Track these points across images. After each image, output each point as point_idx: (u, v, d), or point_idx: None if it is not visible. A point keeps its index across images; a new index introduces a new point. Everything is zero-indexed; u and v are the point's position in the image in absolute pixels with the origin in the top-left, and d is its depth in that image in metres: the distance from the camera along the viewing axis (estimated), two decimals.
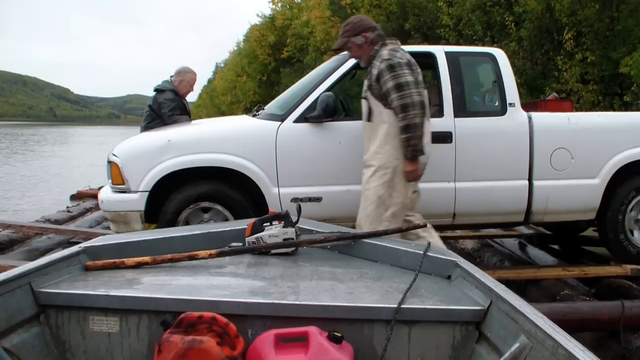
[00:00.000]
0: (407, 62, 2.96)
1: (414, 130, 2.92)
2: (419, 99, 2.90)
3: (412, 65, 2.98)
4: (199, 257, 1.95)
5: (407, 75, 2.91)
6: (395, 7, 20.24)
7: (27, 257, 4.40)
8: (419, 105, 2.90)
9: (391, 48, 3.04)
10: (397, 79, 2.91)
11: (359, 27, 3.16)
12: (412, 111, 2.90)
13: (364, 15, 2.91)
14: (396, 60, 2.94)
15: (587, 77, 11.93)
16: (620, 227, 3.88)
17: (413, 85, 2.90)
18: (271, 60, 36.23)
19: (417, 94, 2.90)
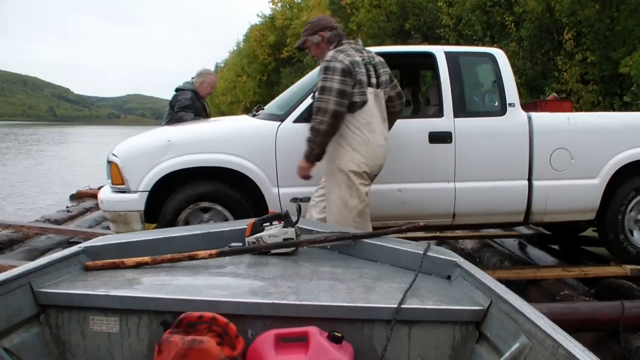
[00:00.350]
0: (343, 68, 2.90)
1: (315, 134, 2.93)
2: (333, 108, 2.86)
3: (354, 68, 2.93)
4: (199, 257, 1.95)
5: (334, 82, 2.88)
6: (395, 7, 20.25)
7: (27, 257, 4.40)
8: (330, 114, 2.86)
9: (339, 49, 3.01)
10: (324, 82, 2.90)
11: (316, 26, 3.17)
12: (321, 117, 2.89)
13: (326, 15, 2.94)
14: (332, 64, 2.92)
15: (587, 77, 11.94)
16: (620, 227, 3.89)
17: (335, 93, 2.86)
18: (271, 60, 36.26)
19: (334, 103, 2.86)
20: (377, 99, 3.03)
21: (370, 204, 3.62)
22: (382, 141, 3.04)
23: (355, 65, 2.94)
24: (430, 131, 3.68)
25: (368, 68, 3.02)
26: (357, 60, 2.96)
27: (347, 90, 2.88)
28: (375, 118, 2.99)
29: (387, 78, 3.15)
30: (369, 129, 2.96)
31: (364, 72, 2.97)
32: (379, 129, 3.02)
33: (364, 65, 2.99)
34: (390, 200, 3.64)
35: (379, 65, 3.11)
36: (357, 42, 3.16)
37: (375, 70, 3.06)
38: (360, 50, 3.08)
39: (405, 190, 3.65)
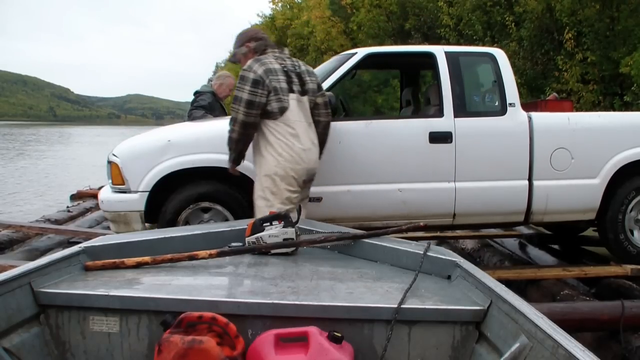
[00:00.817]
0: (255, 79, 2.95)
1: (229, 142, 3.06)
2: (242, 119, 2.94)
3: (260, 84, 2.96)
4: (199, 257, 1.95)
5: (244, 92, 2.94)
6: (396, 7, 20.26)
7: (27, 257, 4.40)
8: (239, 124, 2.96)
9: (258, 58, 3.06)
10: (237, 92, 2.98)
11: (243, 37, 3.25)
12: (232, 126, 3.00)
13: (254, 28, 3.08)
14: (245, 73, 2.98)
15: (588, 77, 11.94)
16: (620, 227, 3.88)
17: (244, 104, 2.93)
18: None
19: (242, 113, 2.94)
20: (300, 104, 3.08)
21: (371, 204, 3.64)
22: (308, 145, 3.08)
23: (270, 73, 2.98)
24: (431, 131, 3.67)
25: (290, 75, 3.07)
26: (274, 68, 3.01)
27: (255, 100, 2.93)
28: (298, 123, 3.05)
29: (315, 87, 3.20)
30: (292, 134, 3.01)
31: (284, 79, 3.02)
32: (304, 134, 3.06)
33: (283, 73, 3.04)
34: (390, 200, 3.64)
35: (305, 73, 3.18)
36: (281, 52, 3.22)
37: (299, 78, 3.12)
38: (283, 58, 3.14)
39: (405, 190, 3.64)
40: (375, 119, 4.15)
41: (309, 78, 3.18)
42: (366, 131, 3.68)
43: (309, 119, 3.14)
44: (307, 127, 3.11)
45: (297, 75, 3.13)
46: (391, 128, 3.76)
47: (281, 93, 2.99)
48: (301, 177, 3.07)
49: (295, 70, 3.13)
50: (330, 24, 24.55)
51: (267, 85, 2.95)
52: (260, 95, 2.94)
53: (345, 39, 23.88)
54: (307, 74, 3.19)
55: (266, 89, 2.95)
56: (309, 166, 3.10)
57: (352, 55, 3.86)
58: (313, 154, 3.12)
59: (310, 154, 3.10)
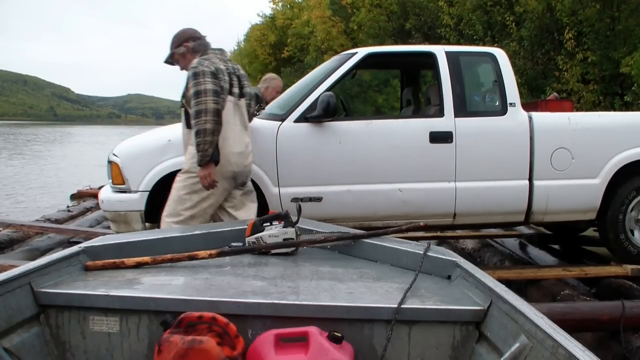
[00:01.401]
0: (212, 70, 2.96)
1: (202, 135, 2.91)
2: (213, 107, 2.90)
3: (218, 74, 2.98)
4: (199, 257, 1.95)
5: (207, 84, 2.92)
6: (396, 7, 20.26)
7: (27, 256, 4.40)
8: (211, 113, 2.89)
9: (204, 57, 3.05)
10: (197, 87, 2.92)
11: (180, 37, 3.22)
12: (204, 117, 2.90)
13: (192, 28, 3.28)
14: (200, 68, 2.95)
15: (588, 77, 11.94)
16: (621, 227, 3.88)
17: (211, 93, 2.91)
18: (272, 59, 36.24)
19: (212, 102, 2.91)
20: (236, 107, 3.11)
21: (371, 204, 3.64)
22: (238, 148, 3.09)
23: (219, 72, 3.00)
24: (431, 131, 3.67)
25: (231, 77, 3.09)
26: (221, 68, 3.03)
27: (218, 90, 2.94)
28: (230, 125, 3.04)
29: (251, 92, 3.27)
30: (221, 136, 2.99)
31: (227, 80, 3.05)
32: (234, 137, 3.07)
33: (227, 74, 3.06)
34: (391, 200, 3.64)
35: (243, 77, 3.21)
36: (222, 53, 3.22)
37: (238, 81, 3.15)
38: (224, 60, 3.15)
39: (406, 190, 3.64)
40: (376, 118, 4.15)
41: (247, 82, 3.22)
42: (366, 131, 3.68)
43: (244, 122, 3.15)
44: (241, 130, 3.12)
45: (237, 77, 3.15)
46: (391, 128, 3.76)
47: (223, 93, 3.00)
48: (226, 180, 3.07)
49: (235, 72, 3.15)
50: (331, 23, 24.54)
51: (219, 80, 2.97)
52: (217, 85, 2.94)
53: (345, 39, 23.89)
54: (245, 79, 3.23)
55: (219, 83, 2.96)
56: (237, 169, 3.09)
57: (352, 55, 3.86)
58: (245, 157, 3.12)
59: (242, 158, 3.10)
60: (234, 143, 3.07)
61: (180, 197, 3.06)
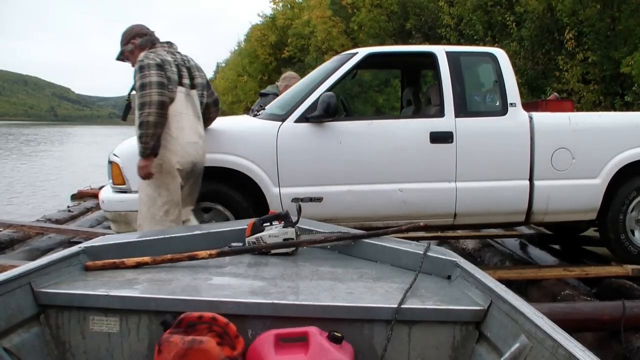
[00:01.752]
0: (157, 63, 2.99)
1: (145, 127, 2.93)
2: (157, 99, 2.92)
3: (164, 66, 3.02)
4: (199, 257, 1.95)
5: (152, 76, 2.95)
6: (396, 7, 20.26)
7: (28, 256, 4.40)
8: (155, 105, 2.92)
9: (151, 51, 3.10)
10: (142, 79, 2.95)
11: (128, 35, 3.27)
12: (147, 109, 2.92)
13: (140, 24, 3.35)
14: (145, 62, 2.99)
15: (588, 77, 11.94)
16: (621, 227, 3.88)
17: (155, 85, 2.94)
18: (272, 59, 36.25)
19: (156, 94, 2.93)
20: (188, 97, 3.15)
21: (372, 204, 3.64)
22: (194, 139, 3.13)
23: (166, 63, 3.04)
24: (432, 131, 3.67)
25: (180, 69, 3.14)
26: (168, 60, 3.07)
27: (164, 82, 2.97)
28: (184, 116, 3.09)
29: (204, 82, 3.30)
30: (177, 126, 3.04)
31: (175, 71, 3.09)
32: (190, 127, 3.11)
33: (175, 65, 3.10)
34: (391, 200, 3.64)
35: (194, 68, 3.26)
36: (170, 46, 3.26)
37: (189, 72, 3.20)
38: (173, 52, 3.19)
39: (406, 190, 3.64)
40: (376, 119, 4.15)
41: (198, 73, 3.28)
42: (367, 131, 3.68)
43: (197, 113, 3.20)
44: (195, 120, 3.17)
45: (187, 69, 3.20)
46: (392, 128, 3.76)
47: (172, 84, 3.04)
48: (186, 170, 3.11)
49: (185, 64, 3.20)
50: (331, 23, 24.54)
51: (165, 71, 3.00)
52: (164, 77, 2.97)
53: (346, 39, 23.88)
54: (197, 69, 3.28)
55: (166, 75, 3.00)
56: (194, 160, 3.14)
57: (352, 55, 3.86)
58: (199, 147, 3.17)
59: (196, 147, 3.15)
60: (189, 133, 3.11)
61: (150, 197, 3.08)
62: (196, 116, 3.19)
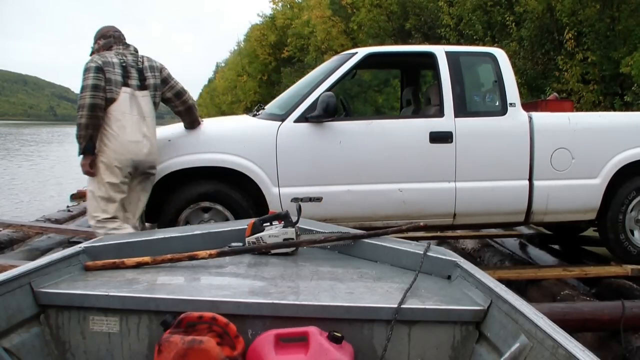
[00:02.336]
0: (97, 66, 3.18)
1: (78, 129, 3.18)
2: (89, 102, 3.13)
3: (104, 68, 3.19)
4: (199, 257, 1.95)
5: (89, 79, 3.16)
6: (396, 7, 20.26)
7: (27, 256, 4.40)
8: (87, 108, 3.13)
9: (100, 53, 3.30)
10: (82, 82, 3.18)
11: (96, 36, 3.48)
12: (80, 112, 3.16)
13: (109, 26, 3.56)
14: (87, 65, 3.21)
15: (588, 77, 11.93)
16: (621, 227, 3.88)
17: (90, 89, 3.14)
18: (272, 59, 36.25)
19: (89, 97, 3.14)
20: (133, 98, 3.28)
21: (371, 204, 3.64)
22: (136, 137, 3.26)
23: (107, 65, 3.22)
24: (431, 131, 3.67)
25: (128, 70, 3.30)
26: (111, 62, 3.25)
27: (100, 84, 3.16)
28: (127, 115, 3.24)
29: (156, 82, 3.43)
30: (118, 125, 3.21)
31: (119, 72, 3.25)
32: (132, 126, 3.25)
33: (120, 67, 3.27)
34: (391, 200, 3.64)
35: (147, 69, 3.39)
36: (126, 47, 3.43)
37: (139, 74, 3.35)
38: (125, 54, 3.36)
39: (406, 190, 3.64)
40: (376, 118, 4.15)
41: (151, 74, 3.41)
42: (367, 131, 3.68)
43: (144, 114, 3.32)
44: (139, 120, 3.30)
45: (138, 70, 3.35)
46: (391, 128, 3.76)
47: (113, 85, 3.21)
48: (126, 168, 3.24)
49: (136, 66, 3.35)
50: (331, 23, 24.54)
51: (105, 73, 3.19)
52: (101, 80, 3.17)
53: (345, 39, 23.88)
54: (150, 70, 3.41)
55: (104, 77, 3.18)
56: (136, 158, 3.26)
57: (352, 55, 3.86)
58: (143, 146, 3.28)
59: (140, 146, 3.27)
60: (131, 132, 3.25)
61: (92, 190, 3.29)
62: (141, 116, 3.31)
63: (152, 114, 3.39)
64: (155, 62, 3.49)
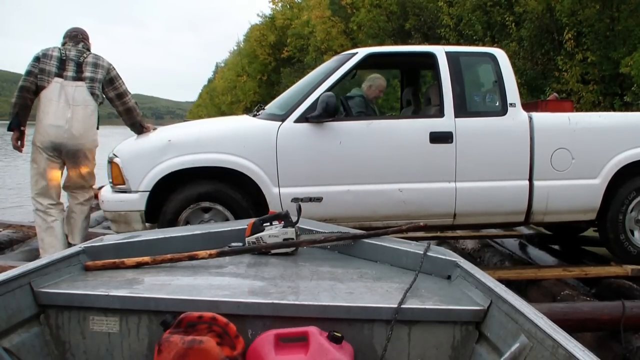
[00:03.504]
0: (37, 56, 3.75)
1: (11, 107, 3.79)
2: (20, 84, 3.75)
3: (41, 59, 3.74)
4: (199, 257, 1.95)
5: (28, 66, 3.75)
6: (396, 7, 20.26)
7: (27, 257, 4.39)
8: (18, 90, 3.74)
9: (47, 47, 3.81)
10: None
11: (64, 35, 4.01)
12: (15, 93, 3.74)
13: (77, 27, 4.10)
14: (34, 55, 3.76)
15: (588, 77, 11.94)
16: (621, 228, 3.88)
17: (25, 74, 3.75)
18: (271, 60, 36.28)
19: (22, 80, 3.75)
20: (62, 87, 3.72)
21: (371, 204, 3.64)
22: (58, 122, 3.69)
23: (45, 57, 3.74)
24: (431, 131, 3.67)
25: (66, 63, 3.76)
26: (50, 55, 3.75)
27: (33, 71, 3.72)
28: (53, 102, 3.69)
29: (95, 76, 3.82)
30: (43, 110, 3.70)
31: (55, 64, 3.73)
32: (55, 112, 3.69)
33: (58, 60, 3.74)
34: (391, 200, 3.63)
35: (88, 64, 3.82)
36: (74, 45, 3.86)
37: (78, 67, 3.78)
38: (69, 49, 3.81)
39: (406, 190, 3.64)
40: (376, 119, 4.15)
41: (91, 69, 3.81)
42: (367, 131, 3.68)
43: (78, 102, 3.74)
44: (64, 107, 3.71)
45: (77, 64, 3.78)
46: (392, 128, 3.76)
47: (45, 74, 3.70)
48: (46, 149, 3.74)
49: (76, 60, 3.78)
50: (331, 23, 24.55)
51: (40, 63, 3.71)
52: (35, 68, 3.70)
53: (345, 39, 23.89)
54: (91, 65, 3.81)
55: (38, 66, 3.70)
56: (56, 140, 3.71)
57: (352, 55, 3.86)
58: (63, 131, 3.70)
59: (60, 131, 3.70)
60: (53, 117, 3.68)
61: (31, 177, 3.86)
62: (68, 104, 3.72)
63: (86, 102, 3.78)
64: (104, 61, 3.88)
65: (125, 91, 3.96)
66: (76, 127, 3.72)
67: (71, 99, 3.71)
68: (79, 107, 3.73)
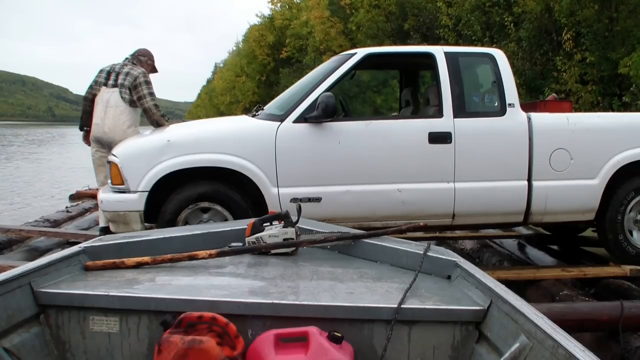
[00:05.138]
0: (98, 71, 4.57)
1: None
2: (84, 95, 4.66)
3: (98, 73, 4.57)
4: (199, 257, 1.95)
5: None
6: (395, 8, 20.28)
7: (27, 257, 4.39)
8: (83, 99, 4.69)
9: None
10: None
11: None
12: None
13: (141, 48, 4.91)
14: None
15: (586, 77, 11.96)
16: (620, 228, 3.88)
17: (88, 87, 4.63)
18: (270, 60, 36.28)
19: (85, 92, 4.65)
20: (103, 94, 4.50)
21: (370, 204, 3.65)
22: (96, 121, 4.49)
23: (101, 72, 4.59)
24: (430, 131, 3.67)
25: (109, 74, 4.55)
26: (103, 69, 4.61)
27: (92, 84, 4.62)
28: (98, 106, 4.50)
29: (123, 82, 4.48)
30: (93, 112, 4.53)
31: (104, 76, 4.56)
32: (97, 113, 4.49)
33: (106, 72, 4.57)
34: (390, 200, 3.64)
35: (122, 73, 4.53)
36: (130, 60, 4.71)
37: (116, 76, 4.53)
38: (118, 65, 4.62)
39: (405, 191, 3.64)
40: (375, 119, 4.15)
41: (122, 77, 4.52)
42: (366, 131, 3.68)
43: (111, 104, 4.46)
44: (102, 108, 4.47)
45: (116, 74, 4.53)
46: (390, 128, 3.77)
47: (97, 85, 4.56)
48: (94, 141, 4.55)
49: (115, 70, 4.56)
50: (329, 24, 24.56)
51: (96, 77, 4.59)
52: (93, 81, 4.61)
53: (344, 39, 23.90)
54: (124, 74, 4.52)
55: (95, 79, 4.59)
56: (96, 135, 4.49)
57: (351, 56, 3.86)
58: (99, 127, 4.47)
59: (97, 127, 4.48)
60: (96, 117, 4.49)
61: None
62: (104, 106, 4.46)
63: (117, 104, 4.45)
64: (136, 70, 4.55)
65: (144, 95, 4.50)
66: (107, 124, 4.43)
67: (106, 102, 4.46)
68: (111, 108, 4.45)
